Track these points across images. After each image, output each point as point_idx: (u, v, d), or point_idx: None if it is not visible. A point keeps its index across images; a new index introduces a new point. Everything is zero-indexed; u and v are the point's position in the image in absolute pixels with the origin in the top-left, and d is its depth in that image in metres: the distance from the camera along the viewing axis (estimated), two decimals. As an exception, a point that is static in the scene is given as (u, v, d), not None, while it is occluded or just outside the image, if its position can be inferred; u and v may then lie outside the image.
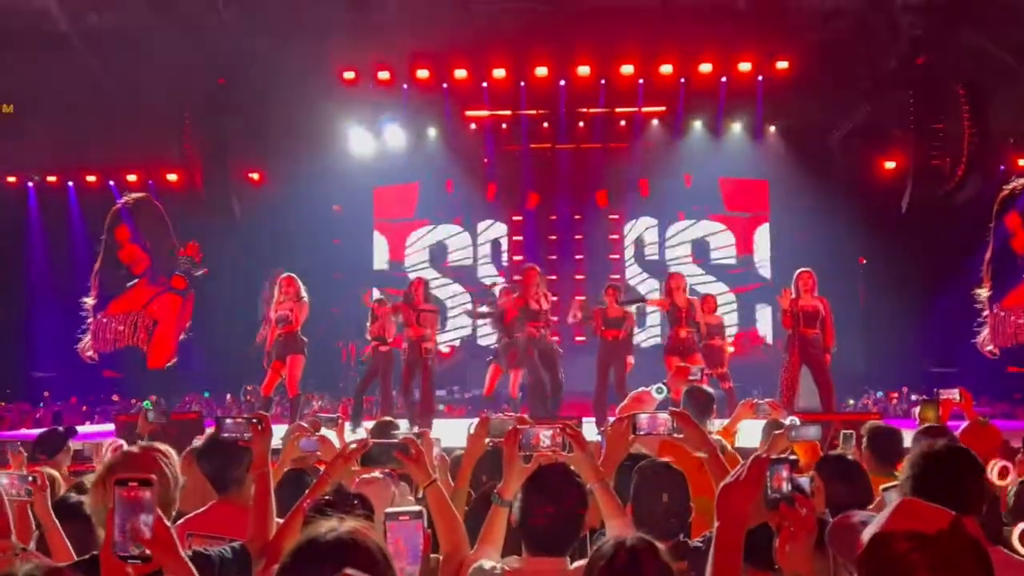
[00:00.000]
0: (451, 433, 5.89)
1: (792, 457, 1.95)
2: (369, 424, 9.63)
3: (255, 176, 14.65)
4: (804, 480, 2.90)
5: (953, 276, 13.08)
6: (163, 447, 2.66)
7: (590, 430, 8.02)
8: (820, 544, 2.04)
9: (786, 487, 1.94)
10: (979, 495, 2.57)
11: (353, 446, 2.86)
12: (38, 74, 12.85)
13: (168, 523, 1.95)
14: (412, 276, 11.14)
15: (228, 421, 3.10)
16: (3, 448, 5.04)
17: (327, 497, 2.65)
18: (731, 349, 11.81)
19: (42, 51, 12.70)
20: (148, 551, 1.84)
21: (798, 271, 9.21)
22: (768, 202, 14.83)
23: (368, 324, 10.61)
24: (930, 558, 1.47)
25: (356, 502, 2.56)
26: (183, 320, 11.44)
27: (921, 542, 1.50)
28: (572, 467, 2.70)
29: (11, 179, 14.56)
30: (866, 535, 1.75)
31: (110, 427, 9.94)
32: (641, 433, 3.05)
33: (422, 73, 13.56)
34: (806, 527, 1.93)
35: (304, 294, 9.84)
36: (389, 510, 2.05)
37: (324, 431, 4.69)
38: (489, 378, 10.31)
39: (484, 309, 10.53)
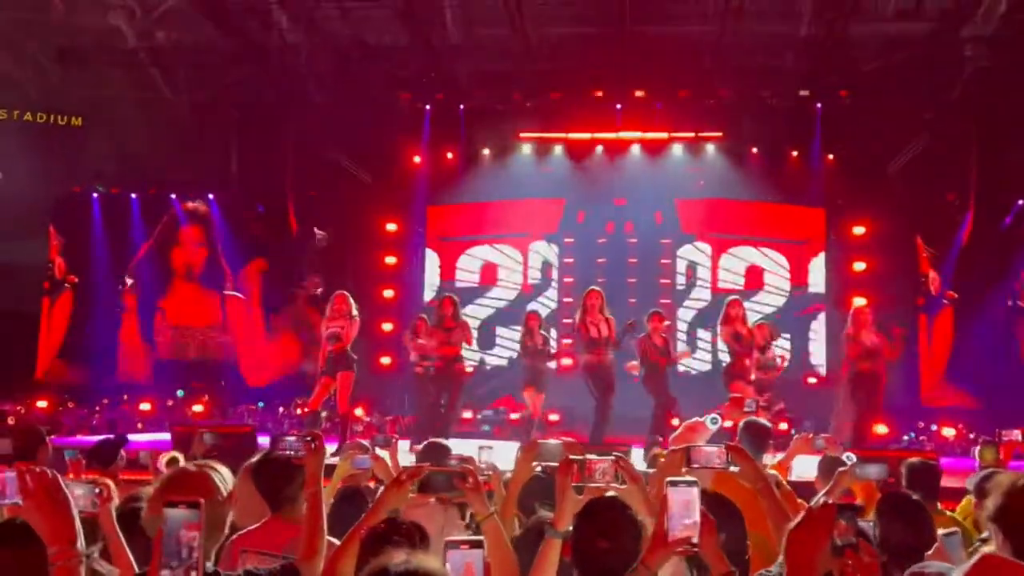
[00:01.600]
0: (497, 455, 5.86)
1: (858, 504, 1.94)
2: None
3: (312, 193, 14.85)
4: (867, 525, 2.84)
5: (1012, 310, 12.85)
6: (217, 466, 2.70)
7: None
8: None
9: (851, 534, 1.93)
10: None
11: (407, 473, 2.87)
12: (106, 89, 13.23)
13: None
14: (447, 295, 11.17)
15: (283, 439, 3.13)
16: (60, 454, 5.13)
17: (382, 524, 2.65)
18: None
19: (111, 67, 13.06)
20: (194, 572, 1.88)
21: (855, 307, 9.10)
22: (825, 231, 14.58)
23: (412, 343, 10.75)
24: None
25: (415, 534, 2.55)
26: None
27: None
28: (624, 499, 2.68)
29: (76, 189, 14.93)
30: None
31: (165, 436, 10.09)
32: (696, 466, 3.02)
33: (478, 94, 13.69)
34: (873, 573, 1.91)
35: (355, 312, 9.99)
36: (450, 538, 2.05)
37: (378, 452, 4.72)
38: (530, 402, 10.37)
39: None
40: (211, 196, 15.09)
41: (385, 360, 13.82)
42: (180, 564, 1.89)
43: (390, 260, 14.64)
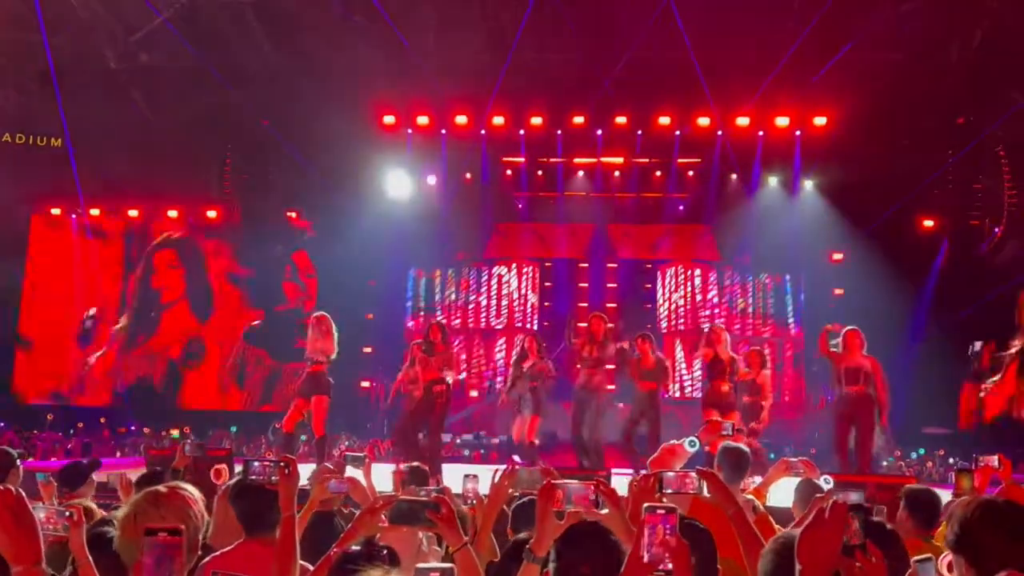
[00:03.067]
0: (483, 483, 5.83)
1: (867, 504, 1.97)
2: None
3: (293, 215, 14.83)
4: None
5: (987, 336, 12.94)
6: (190, 487, 2.67)
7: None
8: None
9: (860, 535, 1.98)
10: None
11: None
12: (87, 110, 13.19)
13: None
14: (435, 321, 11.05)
15: (255, 464, 3.11)
16: (32, 479, 5.07)
17: (355, 547, 2.63)
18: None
19: (92, 88, 13.04)
20: None
21: (845, 328, 9.13)
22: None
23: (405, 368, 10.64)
24: None
25: (384, 553, 2.54)
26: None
27: None
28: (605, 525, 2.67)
29: (55, 211, 14.84)
30: None
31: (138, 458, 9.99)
32: (669, 492, 3.01)
33: (460, 119, 13.76)
34: (881, 573, 1.95)
35: (335, 333, 9.94)
36: (420, 566, 2.03)
37: (350, 470, 4.67)
38: (515, 427, 10.30)
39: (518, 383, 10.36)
40: (191, 219, 15.05)
41: (365, 384, 13.76)
42: None
43: (372, 283, 14.59)
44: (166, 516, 2.36)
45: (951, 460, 11.59)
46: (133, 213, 15.08)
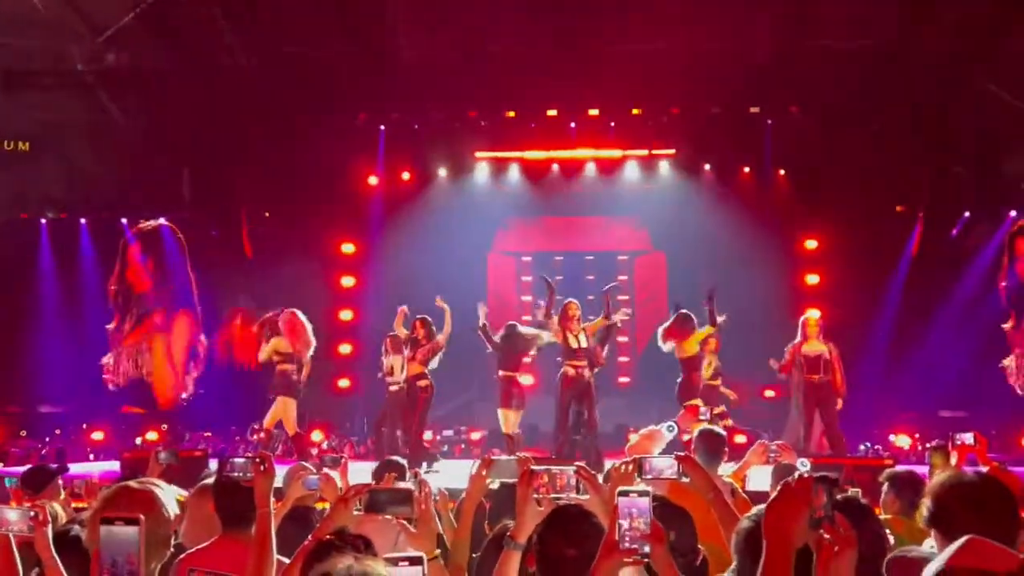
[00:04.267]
0: (457, 474, 5.83)
1: (833, 476, 1.94)
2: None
3: (267, 215, 14.71)
4: None
5: (960, 319, 13.08)
6: (161, 483, 2.65)
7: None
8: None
9: (828, 508, 1.93)
10: (1012, 531, 2.48)
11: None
12: (54, 112, 13.01)
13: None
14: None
15: (232, 460, 3.13)
16: (2, 482, 5.00)
17: (328, 535, 2.62)
18: (733, 396, 11.70)
19: (58, 90, 12.88)
20: None
21: (804, 316, 9.17)
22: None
23: (383, 361, 10.61)
24: None
25: (359, 543, 2.52)
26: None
27: None
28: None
29: (23, 215, 14.63)
30: (929, 571, 1.73)
31: (115, 464, 9.90)
32: (648, 477, 3.02)
33: (434, 113, 13.70)
34: (850, 544, 1.92)
35: (310, 334, 9.94)
36: (388, 555, 2.01)
37: (326, 471, 4.66)
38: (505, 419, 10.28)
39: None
40: (163, 220, 14.87)
41: (343, 383, 13.69)
42: None
43: (348, 282, 14.48)
44: (134, 511, 2.33)
45: (927, 444, 11.66)
46: (103, 216, 14.88)
